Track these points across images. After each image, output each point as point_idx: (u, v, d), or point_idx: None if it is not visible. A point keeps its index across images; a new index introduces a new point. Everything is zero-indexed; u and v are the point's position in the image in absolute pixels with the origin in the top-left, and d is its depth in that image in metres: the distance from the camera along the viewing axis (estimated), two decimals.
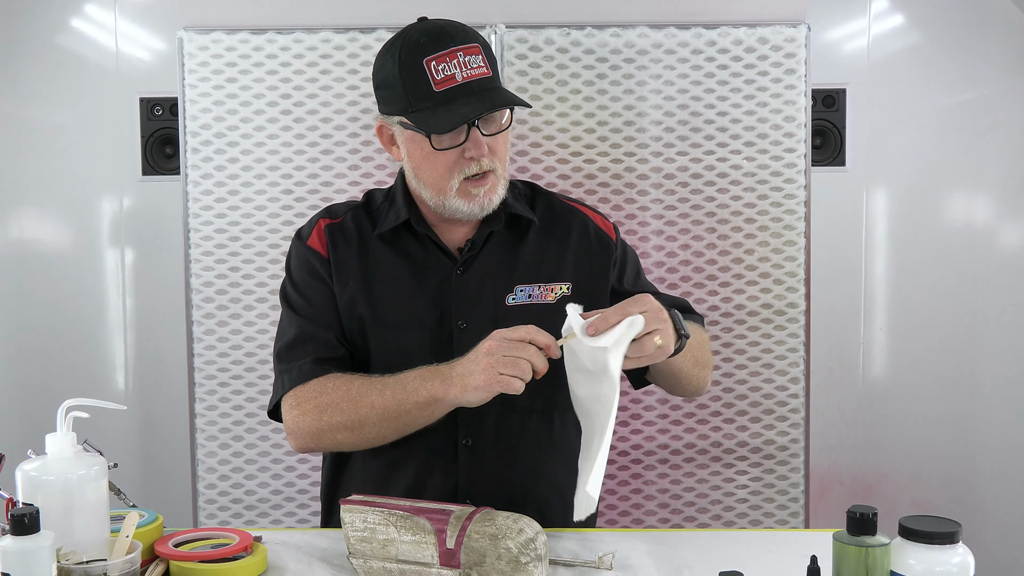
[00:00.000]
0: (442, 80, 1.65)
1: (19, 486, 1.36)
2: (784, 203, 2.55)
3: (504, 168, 1.75)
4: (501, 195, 1.75)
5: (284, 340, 1.80)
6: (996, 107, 3.39)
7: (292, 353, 1.78)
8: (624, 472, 2.58)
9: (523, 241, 1.84)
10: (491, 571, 1.41)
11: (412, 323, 1.78)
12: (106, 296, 3.34)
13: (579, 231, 1.87)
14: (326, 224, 1.85)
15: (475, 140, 1.68)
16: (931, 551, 1.15)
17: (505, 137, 1.75)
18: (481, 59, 1.67)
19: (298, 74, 2.52)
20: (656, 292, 1.94)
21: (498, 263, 1.81)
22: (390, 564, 1.46)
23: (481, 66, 1.67)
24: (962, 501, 3.50)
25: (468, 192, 1.71)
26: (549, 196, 1.92)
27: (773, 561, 1.45)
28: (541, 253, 1.83)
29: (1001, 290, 3.47)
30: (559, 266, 1.83)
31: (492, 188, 1.73)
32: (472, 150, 1.68)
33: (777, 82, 2.54)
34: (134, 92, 3.21)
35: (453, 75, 1.65)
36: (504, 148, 1.75)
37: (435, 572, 1.44)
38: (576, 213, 1.90)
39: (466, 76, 1.65)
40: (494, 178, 1.73)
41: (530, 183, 1.96)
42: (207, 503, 2.58)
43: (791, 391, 2.58)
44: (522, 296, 1.78)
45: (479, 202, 1.72)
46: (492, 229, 1.81)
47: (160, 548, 1.49)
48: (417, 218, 1.80)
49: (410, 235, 1.82)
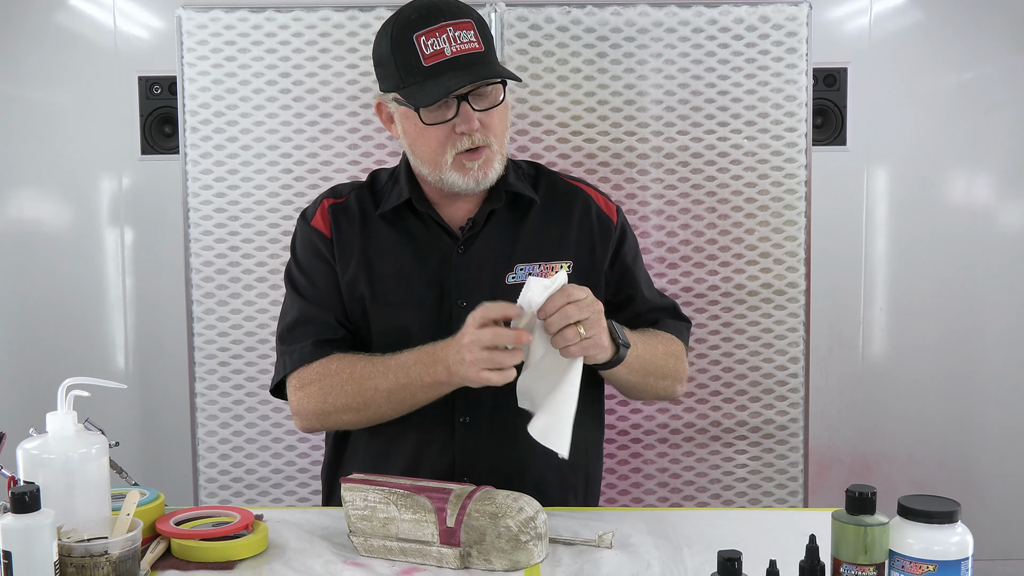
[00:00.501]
0: (431, 55, 1.66)
1: (20, 464, 1.36)
2: (785, 182, 2.55)
3: (500, 143, 1.74)
4: (498, 170, 1.75)
5: (286, 321, 1.82)
6: (998, 87, 3.38)
7: (293, 334, 1.79)
8: (624, 451, 2.58)
9: (524, 220, 1.83)
10: (491, 549, 1.42)
11: (412, 302, 1.78)
12: (106, 275, 3.34)
13: (581, 210, 1.86)
14: (330, 204, 1.85)
15: (465, 115, 1.67)
16: (930, 530, 1.15)
17: (500, 112, 1.73)
18: (473, 34, 1.67)
19: (297, 52, 2.51)
20: (649, 284, 1.95)
21: (499, 242, 1.81)
22: (390, 542, 1.47)
23: (472, 41, 1.67)
24: (961, 480, 3.51)
25: (463, 165, 1.71)
26: (552, 176, 1.92)
27: (772, 540, 1.45)
28: (543, 232, 1.83)
29: (1001, 270, 3.47)
30: (560, 245, 1.82)
31: (487, 162, 1.72)
32: (462, 124, 1.68)
33: (778, 61, 2.53)
34: (132, 71, 3.20)
35: (442, 50, 1.65)
36: (500, 124, 1.74)
37: (435, 550, 1.44)
38: (579, 192, 1.89)
39: (455, 51, 1.65)
40: (489, 153, 1.72)
41: (534, 163, 1.96)
42: (208, 482, 2.59)
43: (791, 370, 2.58)
44: (522, 275, 1.78)
45: (474, 175, 1.72)
46: (493, 208, 1.80)
47: (161, 526, 1.50)
48: (419, 197, 1.80)
49: (412, 214, 1.82)
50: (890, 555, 1.17)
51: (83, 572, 1.25)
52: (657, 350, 1.80)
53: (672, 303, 1.95)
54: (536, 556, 1.44)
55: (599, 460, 1.97)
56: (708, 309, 2.56)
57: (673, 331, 1.88)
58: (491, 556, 1.42)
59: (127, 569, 1.28)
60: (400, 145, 1.82)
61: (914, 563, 1.15)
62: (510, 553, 1.41)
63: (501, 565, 1.42)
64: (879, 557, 1.17)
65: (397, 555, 1.47)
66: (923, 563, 1.15)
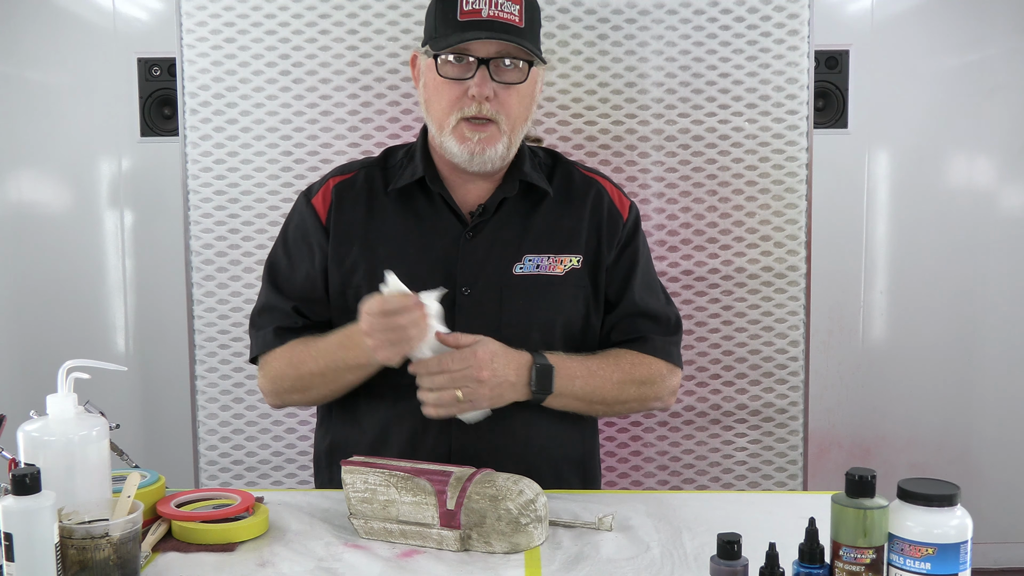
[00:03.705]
0: (468, 11, 1.67)
1: (21, 447, 1.37)
2: (786, 165, 2.54)
3: (512, 125, 1.73)
4: (501, 152, 1.73)
5: (257, 305, 1.90)
6: (1000, 69, 3.37)
7: (260, 320, 1.86)
8: (624, 435, 2.59)
9: (537, 210, 1.81)
10: (491, 532, 1.42)
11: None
12: (106, 257, 3.34)
13: (594, 202, 1.84)
14: (335, 183, 1.84)
15: (482, 77, 1.67)
16: (929, 513, 1.15)
17: (521, 93, 1.72)
18: (518, 9, 1.68)
19: (297, 34, 2.50)
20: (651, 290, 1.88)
21: (509, 230, 1.79)
22: (391, 525, 1.47)
23: (514, 14, 1.68)
24: (960, 463, 3.52)
25: (463, 134, 1.70)
26: (569, 166, 1.90)
27: (771, 523, 1.46)
28: (554, 223, 1.81)
29: (1002, 253, 3.47)
30: (571, 237, 1.80)
31: (490, 139, 1.70)
32: (474, 88, 1.67)
33: (780, 43, 2.52)
34: (132, 52, 3.19)
35: (480, 10, 1.67)
36: (517, 104, 1.72)
37: (435, 533, 1.44)
38: (593, 184, 1.87)
39: (492, 15, 1.67)
40: (495, 130, 1.70)
41: (552, 151, 1.94)
42: (208, 464, 2.59)
43: (791, 354, 2.58)
44: (530, 266, 1.77)
45: (470, 147, 1.70)
46: (506, 195, 1.79)
47: (162, 508, 1.50)
48: (432, 176, 1.79)
49: (423, 194, 1.80)
50: (889, 538, 1.18)
51: (84, 554, 1.25)
52: (609, 380, 1.76)
53: (667, 313, 1.88)
54: (536, 539, 1.44)
55: (596, 454, 1.96)
56: (708, 292, 2.56)
57: (659, 352, 1.83)
58: (491, 538, 1.42)
59: (128, 551, 1.28)
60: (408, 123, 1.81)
61: (913, 546, 1.15)
62: (510, 535, 1.42)
63: (501, 547, 1.42)
64: (878, 540, 1.17)
65: (397, 537, 1.47)
66: (922, 546, 1.15)
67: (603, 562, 1.39)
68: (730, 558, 1.16)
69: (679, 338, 1.89)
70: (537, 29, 1.74)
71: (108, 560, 1.26)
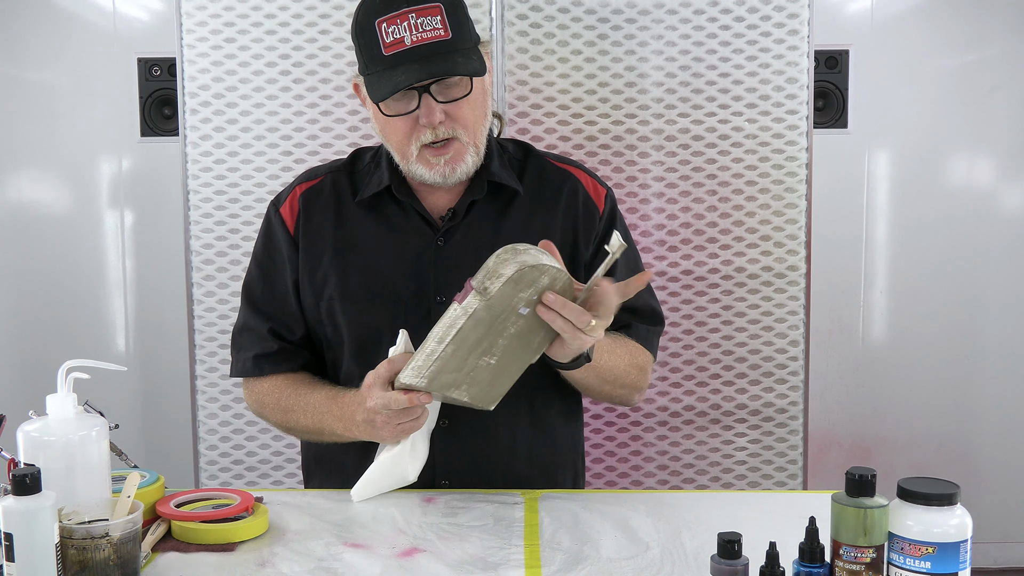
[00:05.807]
0: (391, 43, 1.58)
1: (20, 447, 1.36)
2: (786, 165, 2.54)
3: (473, 134, 1.66)
4: (470, 164, 1.67)
5: (237, 323, 1.86)
6: (1000, 68, 3.37)
7: (239, 340, 1.84)
8: (623, 434, 2.59)
9: (508, 210, 1.75)
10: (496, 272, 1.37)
11: (386, 297, 1.72)
12: (106, 257, 3.34)
13: (568, 197, 1.78)
14: (303, 191, 1.79)
15: (427, 107, 1.60)
16: (929, 512, 1.15)
17: (471, 103, 1.64)
18: (439, 20, 1.58)
19: (297, 34, 2.50)
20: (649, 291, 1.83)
21: (481, 234, 1.72)
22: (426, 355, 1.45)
23: (438, 28, 1.58)
24: (960, 463, 3.52)
25: (427, 160, 1.65)
26: (541, 159, 1.83)
27: (771, 522, 1.45)
28: (527, 221, 1.74)
29: (1002, 253, 3.47)
30: (545, 235, 1.68)
31: (456, 157, 1.65)
32: (424, 117, 1.61)
33: (780, 43, 2.52)
34: (132, 53, 3.19)
35: (402, 39, 1.58)
36: (471, 114, 1.65)
37: (456, 309, 1.41)
38: (568, 177, 1.80)
39: (416, 40, 1.58)
40: (459, 146, 1.65)
41: (523, 144, 1.87)
42: (208, 464, 2.60)
43: (791, 353, 2.58)
44: None
45: (440, 170, 1.65)
46: (474, 198, 1.73)
47: (162, 508, 1.50)
48: (399, 184, 1.73)
49: (392, 201, 1.75)
50: (889, 537, 1.18)
51: (84, 554, 1.25)
52: (623, 360, 1.72)
53: (651, 304, 1.83)
54: (544, 258, 1.39)
55: (582, 456, 1.93)
56: (708, 292, 2.56)
57: (643, 340, 1.79)
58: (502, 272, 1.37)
59: (128, 551, 1.28)
60: None
61: (913, 545, 1.15)
62: (511, 259, 1.37)
63: (509, 270, 1.36)
64: (878, 539, 1.17)
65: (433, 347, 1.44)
66: (922, 545, 1.15)
67: (603, 562, 1.39)
68: (730, 557, 1.16)
69: (660, 330, 1.85)
70: (467, 26, 1.64)
71: (108, 560, 1.26)
